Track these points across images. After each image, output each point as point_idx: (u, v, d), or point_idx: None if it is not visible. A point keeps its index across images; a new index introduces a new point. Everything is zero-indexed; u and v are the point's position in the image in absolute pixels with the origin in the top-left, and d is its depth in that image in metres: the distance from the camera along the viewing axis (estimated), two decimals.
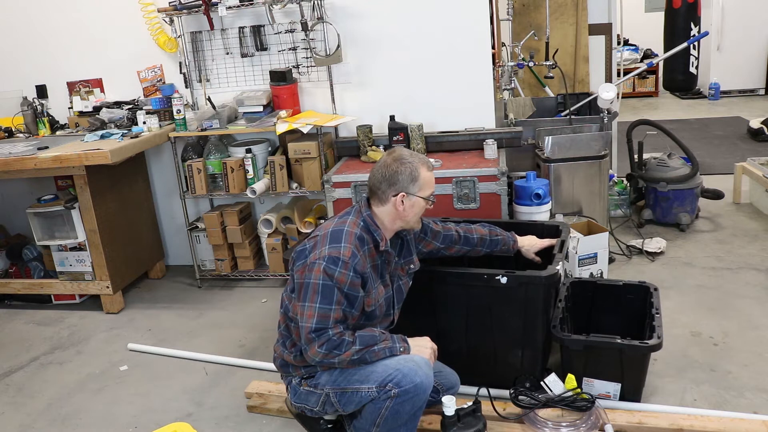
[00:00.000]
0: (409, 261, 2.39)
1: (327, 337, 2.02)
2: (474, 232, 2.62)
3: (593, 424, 2.30)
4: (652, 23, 7.95)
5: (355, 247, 2.09)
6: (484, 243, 2.63)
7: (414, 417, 2.09)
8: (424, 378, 2.04)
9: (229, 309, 3.73)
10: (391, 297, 2.28)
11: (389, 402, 2.02)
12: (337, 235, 2.11)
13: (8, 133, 4.14)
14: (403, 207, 2.19)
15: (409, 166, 2.18)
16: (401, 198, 2.17)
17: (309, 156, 3.69)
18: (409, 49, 3.71)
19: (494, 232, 2.65)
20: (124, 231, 3.90)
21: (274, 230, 3.93)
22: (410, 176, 2.17)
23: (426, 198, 2.22)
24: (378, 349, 2.07)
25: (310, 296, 2.05)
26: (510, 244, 2.66)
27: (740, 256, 3.76)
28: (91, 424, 2.77)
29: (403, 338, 2.16)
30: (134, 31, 3.95)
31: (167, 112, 3.88)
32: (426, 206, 2.25)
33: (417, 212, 2.23)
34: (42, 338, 3.59)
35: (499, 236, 2.65)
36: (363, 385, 2.07)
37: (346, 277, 2.05)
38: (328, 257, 2.06)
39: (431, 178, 2.23)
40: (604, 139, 3.76)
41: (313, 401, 2.20)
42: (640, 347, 2.37)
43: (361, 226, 2.17)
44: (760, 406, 2.46)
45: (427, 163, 2.24)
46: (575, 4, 4.87)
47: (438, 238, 2.55)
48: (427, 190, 2.22)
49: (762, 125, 6.16)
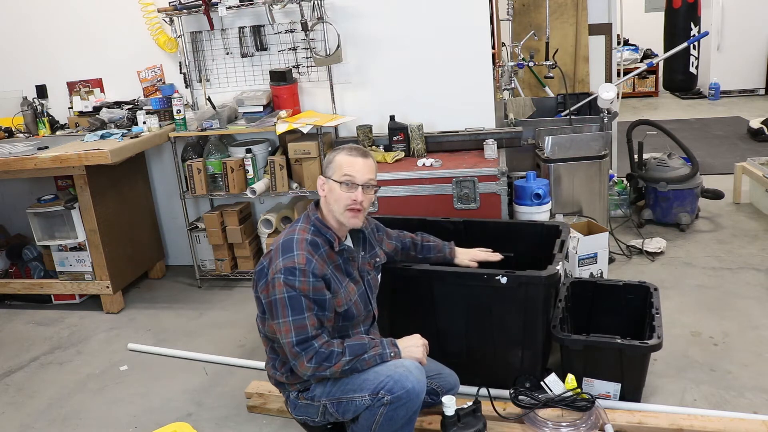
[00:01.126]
0: (374, 255, 2.38)
1: (314, 350, 2.00)
2: (407, 236, 2.64)
3: (593, 424, 2.30)
4: (652, 23, 7.94)
5: (309, 253, 2.06)
6: (416, 248, 2.63)
7: (410, 421, 2.07)
8: (416, 383, 2.02)
9: (229, 309, 3.73)
10: (365, 292, 2.26)
11: (383, 409, 2.01)
12: (288, 244, 2.09)
13: (8, 133, 4.14)
14: (324, 192, 2.17)
15: (331, 153, 2.19)
16: (321, 182, 2.18)
17: (309, 156, 3.69)
18: (409, 49, 3.71)
19: (425, 237, 2.67)
20: (124, 231, 3.90)
21: (274, 230, 3.92)
22: (327, 160, 2.19)
23: (337, 180, 2.13)
24: (368, 357, 2.05)
25: (280, 312, 2.02)
26: (446, 252, 2.66)
27: (740, 256, 3.76)
28: (91, 424, 2.77)
29: (393, 342, 2.13)
30: (134, 31, 3.95)
31: (167, 112, 3.88)
32: (343, 192, 2.12)
33: (337, 199, 2.13)
34: (42, 338, 3.59)
35: (431, 242, 2.66)
36: (356, 394, 2.06)
37: (308, 284, 2.02)
38: (284, 269, 2.03)
39: (348, 162, 2.14)
40: (604, 139, 3.76)
41: (312, 413, 2.21)
42: (640, 347, 2.37)
43: (312, 230, 2.14)
44: (760, 406, 2.46)
45: (352, 148, 2.19)
46: (575, 4, 4.87)
47: (391, 238, 2.58)
48: (340, 172, 2.13)
49: (762, 125, 6.15)
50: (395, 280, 2.59)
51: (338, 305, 2.13)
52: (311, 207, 2.23)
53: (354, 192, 2.14)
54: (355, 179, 2.14)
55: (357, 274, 2.24)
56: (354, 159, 2.16)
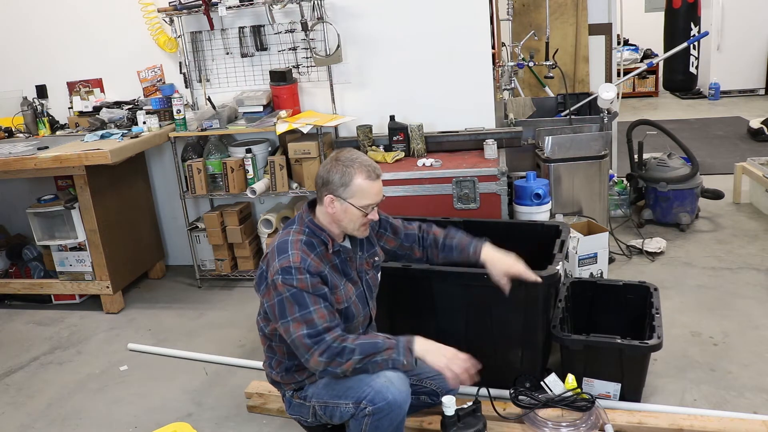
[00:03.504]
0: (372, 254, 2.31)
1: (326, 344, 1.97)
2: (431, 233, 2.44)
3: (593, 424, 2.30)
4: (652, 23, 7.94)
5: (304, 252, 2.04)
6: (437, 245, 2.43)
7: (397, 429, 2.04)
8: (397, 394, 1.98)
9: (229, 309, 3.73)
10: (363, 293, 2.25)
11: (367, 419, 2.00)
12: (282, 246, 2.07)
13: (8, 133, 4.14)
14: (334, 210, 2.08)
15: (342, 168, 2.05)
16: (329, 200, 2.07)
17: (309, 156, 3.69)
18: (409, 49, 3.71)
19: (450, 234, 2.43)
20: (124, 231, 3.90)
21: (274, 230, 3.92)
22: (341, 180, 2.04)
23: (359, 207, 2.06)
24: (381, 360, 2.00)
25: (288, 311, 2.00)
26: (469, 251, 2.37)
27: (740, 256, 3.76)
28: (91, 424, 2.77)
29: (409, 348, 2.01)
30: (134, 31, 3.95)
31: (167, 112, 3.88)
32: (362, 216, 2.08)
33: (352, 219, 2.09)
34: (42, 338, 3.59)
35: (454, 240, 2.41)
36: (341, 401, 2.06)
37: (306, 281, 2.00)
38: (281, 269, 2.01)
39: (369, 187, 2.05)
40: (604, 139, 3.76)
41: (305, 413, 2.22)
42: (640, 347, 2.37)
43: (307, 232, 2.12)
44: (760, 406, 2.46)
45: (369, 170, 2.07)
46: (575, 4, 4.87)
47: (399, 235, 2.42)
48: (362, 199, 2.05)
49: (762, 125, 6.15)
50: (395, 279, 2.59)
51: (338, 302, 2.11)
52: (305, 209, 2.20)
53: (373, 213, 2.13)
54: (375, 203, 2.12)
55: (355, 275, 2.22)
56: (374, 183, 2.08)
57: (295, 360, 2.15)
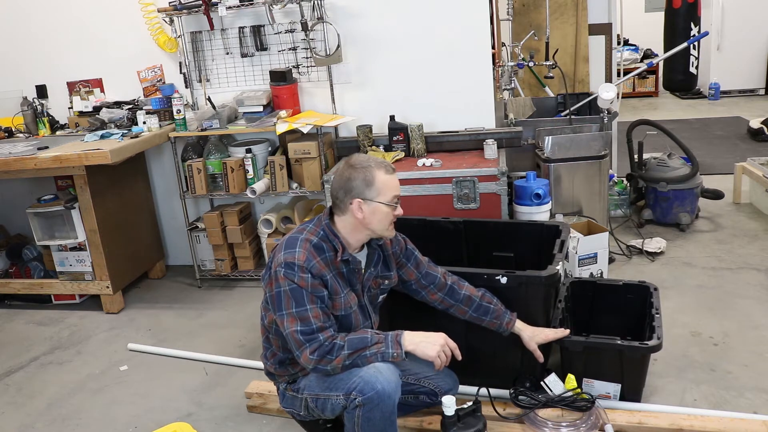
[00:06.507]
0: (386, 276, 2.31)
1: (318, 342, 2.00)
2: (464, 288, 2.41)
3: (593, 424, 2.30)
4: (652, 23, 7.94)
5: (310, 253, 2.05)
6: (471, 304, 2.39)
7: (390, 422, 2.04)
8: (386, 384, 1.98)
9: (229, 309, 3.73)
10: (365, 306, 2.25)
11: (359, 411, 2.01)
12: (292, 241, 2.09)
13: (8, 133, 4.13)
14: (363, 214, 2.09)
15: (362, 171, 2.09)
16: (358, 204, 2.09)
17: (309, 156, 3.69)
18: (409, 49, 3.71)
19: (486, 297, 2.41)
20: (124, 231, 3.90)
21: (274, 230, 3.92)
22: (364, 181, 2.08)
23: (387, 203, 2.11)
24: (370, 354, 2.02)
25: (284, 304, 2.03)
26: (504, 321, 2.40)
27: (740, 256, 3.76)
28: (91, 424, 2.77)
29: (398, 341, 2.06)
30: (134, 31, 3.95)
31: (167, 112, 3.88)
32: (391, 211, 2.13)
33: (381, 218, 2.12)
34: (42, 338, 3.59)
35: (492, 305, 2.40)
36: (332, 393, 2.07)
37: (306, 281, 2.02)
38: (284, 263, 2.03)
39: (391, 181, 2.12)
40: (604, 139, 3.76)
41: (297, 405, 2.24)
42: (640, 348, 2.37)
43: (321, 235, 2.13)
44: (760, 406, 2.46)
45: (386, 165, 2.13)
46: (575, 4, 4.87)
47: (420, 270, 2.40)
48: (387, 193, 2.10)
49: (762, 125, 6.15)
50: None
51: (335, 308, 2.12)
52: (325, 213, 2.21)
53: (398, 209, 2.16)
54: (399, 196, 2.16)
55: (359, 288, 2.23)
56: (393, 176, 2.14)
57: (289, 353, 2.16)
